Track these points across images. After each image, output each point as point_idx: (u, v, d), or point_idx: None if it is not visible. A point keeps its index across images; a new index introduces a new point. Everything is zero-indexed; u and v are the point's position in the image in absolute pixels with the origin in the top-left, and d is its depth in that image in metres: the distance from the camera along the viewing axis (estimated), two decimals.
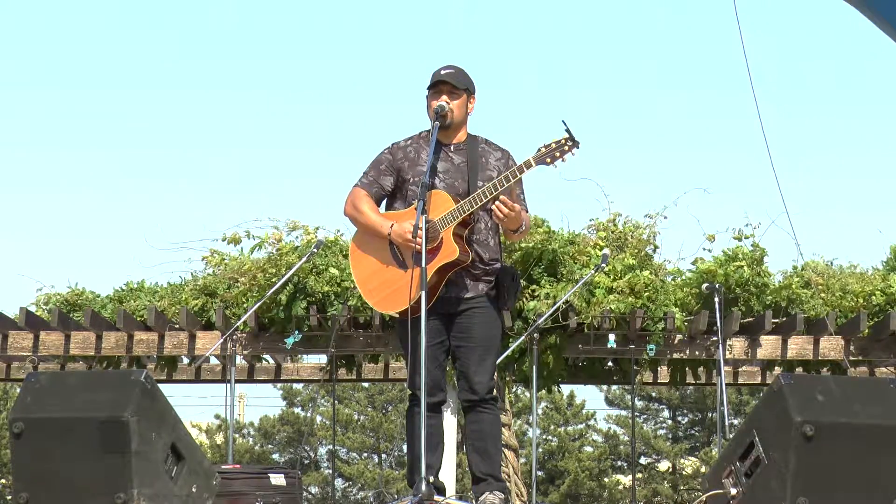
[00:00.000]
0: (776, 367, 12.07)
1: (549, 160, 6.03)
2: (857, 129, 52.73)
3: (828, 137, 52.56)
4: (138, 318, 11.42)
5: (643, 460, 36.67)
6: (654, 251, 11.22)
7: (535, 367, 9.75)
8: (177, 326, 11.36)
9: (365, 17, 54.89)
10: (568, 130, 6.01)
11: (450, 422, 10.69)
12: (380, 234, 6.18)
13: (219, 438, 36.06)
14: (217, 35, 55.57)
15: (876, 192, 48.78)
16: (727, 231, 10.99)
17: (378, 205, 6.31)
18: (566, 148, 6.02)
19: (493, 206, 6.03)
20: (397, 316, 6.21)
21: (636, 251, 11.02)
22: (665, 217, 11.15)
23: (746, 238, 10.94)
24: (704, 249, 11.02)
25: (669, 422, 38.72)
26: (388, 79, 54.91)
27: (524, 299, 10.64)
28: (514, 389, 21.32)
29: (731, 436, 7.94)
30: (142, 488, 5.59)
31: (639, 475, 35.12)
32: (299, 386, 36.50)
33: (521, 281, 10.40)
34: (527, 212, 6.31)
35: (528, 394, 29.41)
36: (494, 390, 6.28)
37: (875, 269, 11.38)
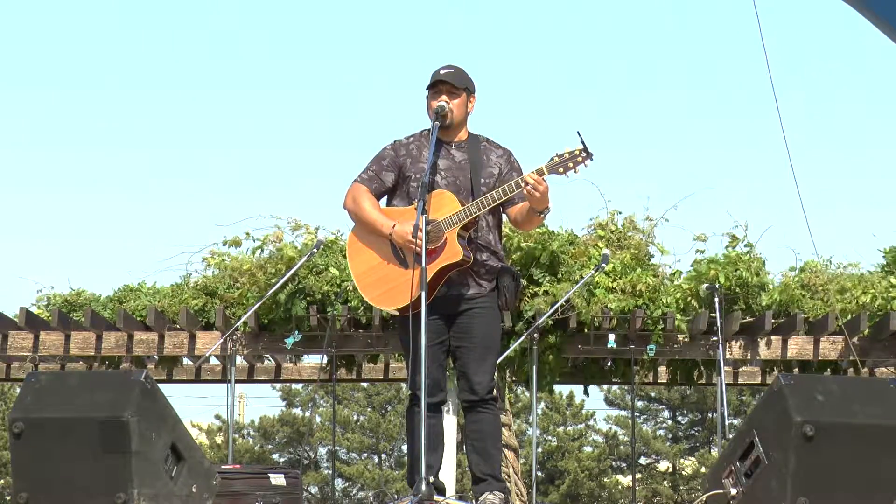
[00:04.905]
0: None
1: (561, 170, 5.99)
2: (856, 127, 52.74)
3: (826, 135, 52.55)
4: (138, 318, 11.42)
5: (643, 460, 36.68)
6: (658, 252, 11.21)
7: (535, 367, 9.75)
8: (177, 326, 11.36)
9: (365, 17, 54.93)
10: (583, 142, 5.96)
11: (450, 422, 10.68)
12: (380, 233, 6.17)
13: (219, 438, 36.06)
14: (217, 35, 55.60)
15: (874, 191, 48.79)
16: (722, 236, 11.00)
17: (378, 200, 6.30)
18: (579, 159, 5.98)
19: (531, 182, 5.95)
20: (397, 315, 6.20)
21: (636, 251, 11.02)
22: (667, 220, 11.16)
23: (741, 241, 10.94)
24: (697, 251, 11.03)
25: (669, 422, 38.73)
26: (388, 79, 54.95)
27: (525, 299, 10.65)
28: (514, 389, 21.33)
29: (731, 436, 7.94)
30: (142, 488, 5.58)
31: (638, 475, 35.12)
32: (298, 386, 36.50)
33: (522, 280, 10.40)
34: None
35: (528, 394, 29.42)
36: (494, 390, 6.27)
37: (872, 273, 11.37)
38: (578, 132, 5.96)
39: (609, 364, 11.92)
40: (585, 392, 13.06)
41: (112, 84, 53.26)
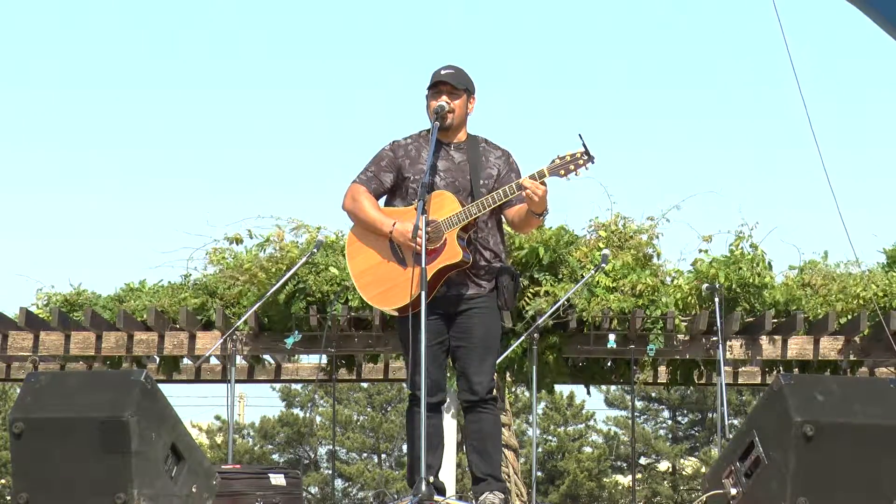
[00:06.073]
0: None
1: (562, 172, 6.02)
2: (856, 127, 52.75)
3: (825, 135, 52.47)
4: (138, 318, 11.41)
5: (643, 460, 36.68)
6: (656, 255, 11.20)
7: (535, 367, 9.75)
8: (177, 326, 11.35)
9: (365, 17, 54.94)
10: (584, 144, 6.00)
11: (450, 422, 10.68)
12: (380, 232, 6.16)
13: (219, 438, 36.06)
14: (217, 35, 55.61)
15: (875, 190, 48.80)
16: (728, 233, 11.00)
17: (376, 201, 6.29)
18: (581, 162, 6.01)
19: (528, 186, 5.99)
20: (396, 314, 6.20)
21: (636, 252, 11.02)
22: (668, 220, 11.15)
23: (745, 239, 10.93)
24: (701, 251, 11.03)
25: (669, 422, 38.74)
26: (388, 79, 54.96)
27: (525, 299, 10.65)
28: (514, 389, 21.34)
29: (731, 436, 7.94)
30: (142, 488, 5.58)
31: (638, 475, 35.12)
32: (298, 387, 36.51)
33: (523, 280, 10.40)
34: None
35: (528, 394, 29.41)
36: (494, 390, 6.27)
37: (873, 270, 11.36)
38: (580, 135, 6.00)
39: (609, 364, 11.92)
40: (588, 392, 13.08)
41: (112, 84, 53.32)
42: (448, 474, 9.86)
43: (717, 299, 9.54)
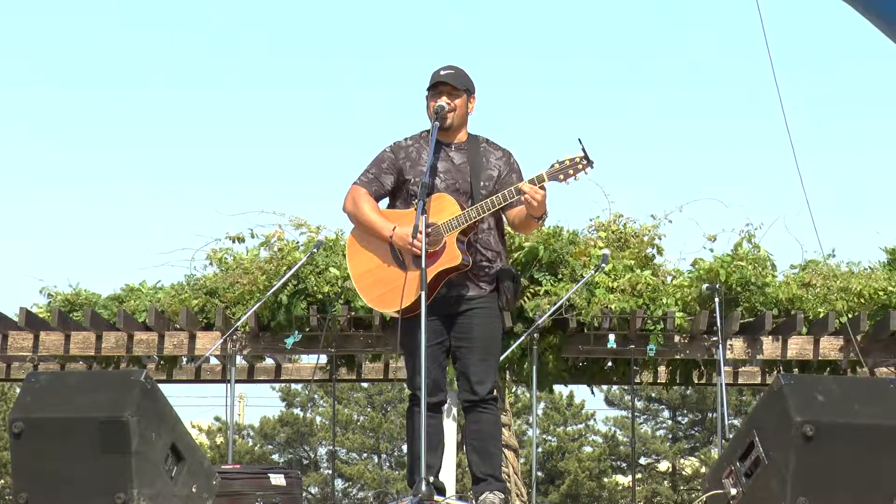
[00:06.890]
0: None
1: (561, 177, 6.03)
2: (859, 126, 52.75)
3: (829, 134, 52.56)
4: (138, 319, 11.41)
5: (643, 460, 36.67)
6: (657, 253, 11.19)
7: (535, 367, 9.75)
8: (177, 326, 11.35)
9: (365, 17, 54.95)
10: (584, 149, 6.01)
11: (450, 422, 10.68)
12: (381, 236, 6.16)
13: (219, 439, 36.05)
14: (217, 35, 55.62)
15: (874, 190, 48.80)
16: (733, 231, 10.98)
17: (377, 202, 6.29)
18: (580, 166, 6.02)
19: (527, 190, 5.99)
20: (397, 316, 6.21)
21: (637, 252, 11.01)
22: (670, 221, 11.15)
23: (749, 239, 10.93)
24: (705, 248, 11.02)
25: (669, 422, 38.71)
26: (388, 79, 54.97)
27: (525, 299, 10.64)
28: (514, 389, 21.34)
29: (730, 436, 7.94)
30: (142, 488, 5.58)
31: (638, 475, 35.11)
32: (298, 387, 36.50)
33: (523, 280, 10.40)
34: None
35: (528, 394, 29.41)
36: (495, 390, 6.28)
37: (874, 269, 11.35)
38: (580, 139, 6.01)
39: (609, 364, 11.92)
40: (592, 392, 13.09)
41: (112, 84, 53.31)
42: (448, 474, 9.85)
43: (717, 299, 9.53)
